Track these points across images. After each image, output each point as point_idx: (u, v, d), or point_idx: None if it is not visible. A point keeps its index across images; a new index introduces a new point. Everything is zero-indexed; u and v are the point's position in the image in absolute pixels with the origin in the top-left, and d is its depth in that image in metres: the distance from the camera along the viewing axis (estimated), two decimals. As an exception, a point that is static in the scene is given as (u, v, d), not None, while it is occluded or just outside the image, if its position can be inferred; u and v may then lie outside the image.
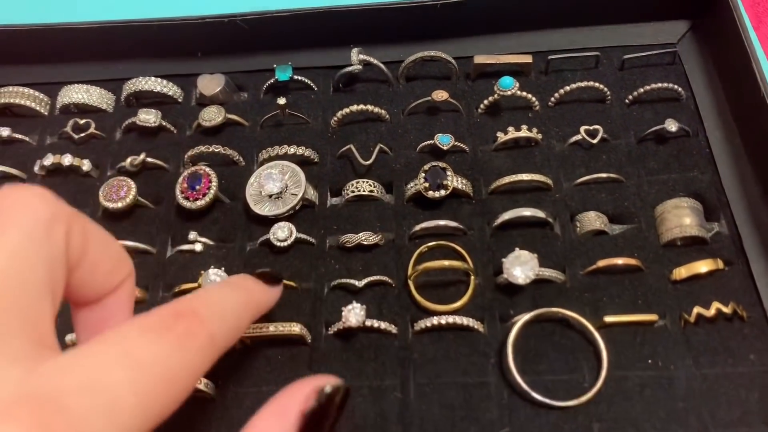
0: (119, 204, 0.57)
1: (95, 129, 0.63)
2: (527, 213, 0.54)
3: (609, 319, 0.50)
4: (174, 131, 0.63)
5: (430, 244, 0.54)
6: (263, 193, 0.56)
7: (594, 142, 0.57)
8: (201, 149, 0.59)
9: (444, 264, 0.51)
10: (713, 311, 0.48)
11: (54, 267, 0.29)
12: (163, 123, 0.62)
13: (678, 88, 0.59)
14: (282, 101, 0.60)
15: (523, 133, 0.57)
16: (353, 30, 0.64)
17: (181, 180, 0.57)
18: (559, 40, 0.64)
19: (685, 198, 0.54)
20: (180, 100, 0.65)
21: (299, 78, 0.63)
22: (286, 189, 0.56)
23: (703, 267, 0.51)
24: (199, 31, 0.63)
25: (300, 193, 0.56)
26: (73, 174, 0.61)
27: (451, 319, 0.50)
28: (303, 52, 0.66)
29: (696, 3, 0.62)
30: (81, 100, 0.64)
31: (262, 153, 0.60)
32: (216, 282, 0.52)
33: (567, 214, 0.55)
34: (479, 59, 0.62)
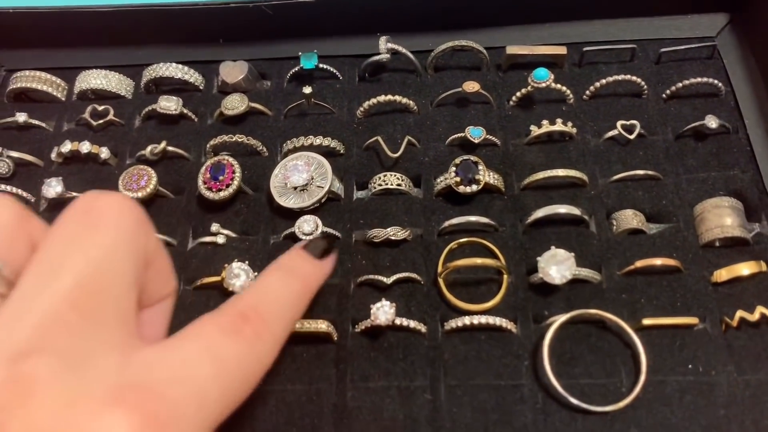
0: (139, 193, 0.55)
1: (114, 116, 0.61)
2: (562, 210, 0.52)
3: (647, 322, 0.48)
4: (195, 120, 0.61)
5: (461, 240, 0.52)
6: (288, 185, 0.55)
7: (631, 137, 0.56)
8: (224, 138, 0.57)
9: (476, 262, 0.50)
10: (757, 315, 0.47)
11: (139, 265, 0.32)
12: (184, 111, 0.60)
13: (717, 83, 0.57)
14: (308, 90, 0.58)
15: (558, 127, 0.55)
16: (380, 18, 0.62)
17: (204, 170, 0.55)
18: (594, 32, 0.62)
19: (726, 197, 0.52)
20: (201, 87, 0.63)
21: (324, 66, 0.62)
22: (311, 181, 0.55)
23: (745, 269, 0.49)
24: (222, 17, 0.62)
25: (326, 186, 0.54)
26: (91, 162, 0.60)
27: (484, 319, 0.48)
28: (328, 39, 0.64)
29: (735, -5, 0.60)
30: (99, 85, 0.62)
31: (286, 143, 0.58)
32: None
33: (603, 211, 0.53)
34: (511, 50, 0.60)
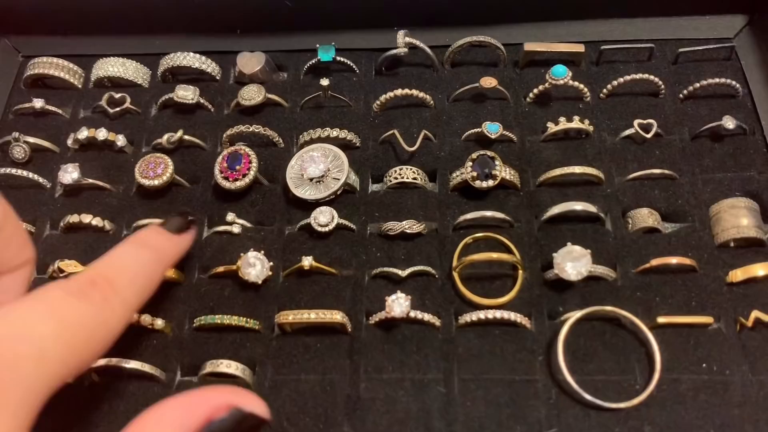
0: (155, 181, 0.55)
1: (130, 104, 0.61)
2: (578, 207, 0.52)
3: (662, 320, 0.48)
4: (211, 109, 0.62)
5: (476, 235, 0.52)
6: (304, 176, 0.55)
7: (648, 136, 0.56)
8: (241, 128, 0.57)
9: (492, 256, 0.50)
10: (773, 316, 0.47)
11: None
12: (201, 101, 0.60)
13: (735, 84, 0.57)
14: (325, 82, 0.58)
15: (575, 124, 0.55)
16: (397, 12, 0.62)
17: (221, 159, 0.55)
18: (611, 30, 0.62)
19: (742, 198, 0.52)
20: (218, 77, 0.63)
21: (341, 59, 0.62)
22: (327, 173, 0.55)
23: (761, 270, 0.49)
24: (240, 7, 0.62)
25: (342, 178, 0.54)
26: (107, 149, 0.60)
27: (499, 314, 0.48)
28: (345, 33, 0.64)
29: (754, -3, 0.60)
30: (117, 73, 0.62)
31: (302, 135, 0.58)
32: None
33: (618, 209, 0.53)
34: (529, 46, 0.60)
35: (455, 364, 0.48)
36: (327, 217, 0.53)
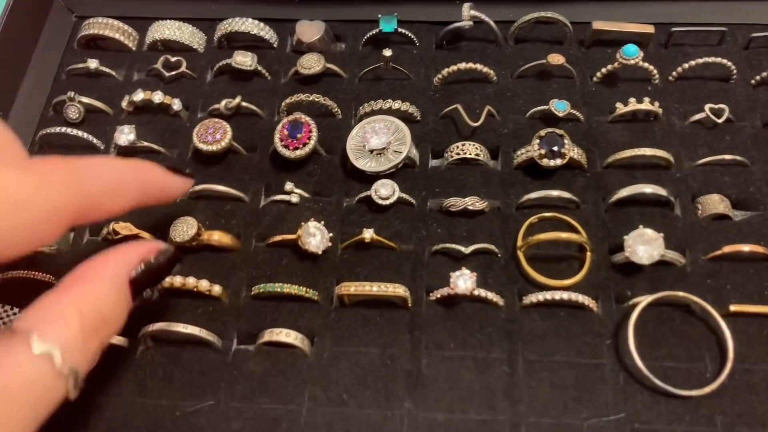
0: (214, 147, 0.54)
1: (186, 68, 0.60)
2: (648, 190, 0.50)
3: (734, 308, 0.47)
4: (268, 77, 0.60)
5: (544, 214, 0.51)
6: (366, 148, 0.53)
7: (719, 121, 0.54)
8: (301, 97, 0.56)
9: (561, 236, 0.48)
10: None
11: None
12: (258, 67, 0.59)
13: (810, 71, 0.55)
14: (388, 53, 0.57)
15: (645, 106, 0.54)
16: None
17: (281, 127, 0.54)
18: (681, 13, 0.60)
19: (817, 188, 0.51)
20: (275, 45, 0.62)
21: (402, 31, 0.60)
22: (389, 145, 0.53)
23: (837, 262, 0.48)
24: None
25: (404, 152, 0.53)
26: (162, 113, 0.59)
27: (566, 296, 0.47)
28: (406, 4, 0.62)
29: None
30: (173, 36, 0.61)
31: (363, 106, 0.56)
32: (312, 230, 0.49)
33: (688, 194, 0.52)
34: (598, 25, 0.58)
35: (519, 344, 0.47)
36: (388, 190, 0.52)
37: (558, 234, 0.49)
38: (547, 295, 0.47)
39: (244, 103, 0.57)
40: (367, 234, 0.50)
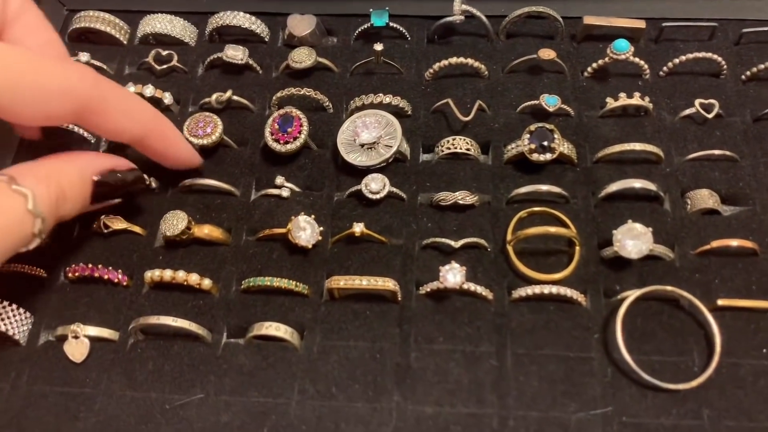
0: (204, 140, 0.54)
1: (177, 62, 0.60)
2: (637, 185, 0.50)
3: (722, 303, 0.47)
4: (259, 71, 0.60)
5: (534, 209, 0.51)
6: (357, 142, 0.53)
7: (709, 116, 0.54)
8: (292, 91, 0.56)
9: (550, 230, 0.49)
10: (837, 303, 0.45)
11: None
12: (250, 61, 0.59)
13: (800, 67, 0.56)
14: (380, 47, 0.57)
15: (636, 101, 0.54)
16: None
17: (272, 121, 0.54)
18: (671, 8, 0.61)
19: (805, 183, 0.51)
20: (266, 39, 0.62)
21: (394, 25, 0.60)
22: (379, 140, 0.53)
23: (824, 257, 0.48)
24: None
25: (395, 146, 0.53)
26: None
27: (555, 290, 0.47)
28: (397, -1, 0.62)
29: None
30: (164, 30, 0.61)
31: (354, 100, 0.56)
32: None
33: (677, 189, 0.52)
34: (589, 20, 0.58)
35: (508, 338, 0.47)
36: (379, 185, 0.52)
37: (547, 228, 0.49)
38: (536, 289, 0.47)
39: (235, 97, 0.57)
40: (357, 228, 0.50)
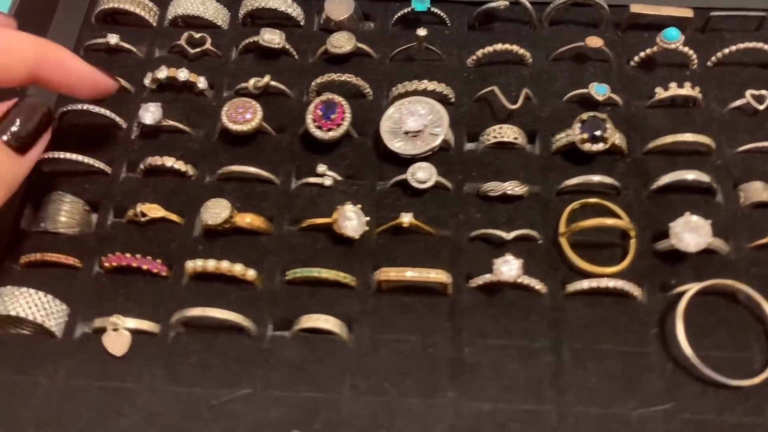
0: (244, 126, 0.52)
1: (210, 45, 0.58)
2: (691, 177, 0.49)
3: (781, 298, 0.46)
4: (296, 56, 0.58)
5: (588, 200, 0.49)
6: (402, 129, 0.52)
7: (761, 108, 0.53)
8: (332, 77, 0.54)
9: (607, 222, 0.47)
10: None
11: None
12: (287, 46, 0.57)
13: None
14: (423, 32, 0.55)
15: (686, 91, 0.53)
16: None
17: (313, 107, 0.52)
18: (717, -3, 0.59)
19: None
20: (302, 23, 0.60)
21: (435, 11, 0.58)
22: (425, 128, 0.52)
23: None
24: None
25: (441, 134, 0.51)
26: (186, 91, 0.56)
27: (612, 283, 0.46)
28: (437, -17, 0.60)
29: None
30: (196, 12, 0.59)
31: (397, 87, 0.55)
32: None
33: (729, 182, 0.51)
34: (636, 8, 0.57)
35: (564, 333, 0.46)
36: (426, 174, 0.50)
37: (603, 220, 0.48)
38: (593, 283, 0.46)
39: (272, 83, 0.55)
40: (406, 218, 0.48)
